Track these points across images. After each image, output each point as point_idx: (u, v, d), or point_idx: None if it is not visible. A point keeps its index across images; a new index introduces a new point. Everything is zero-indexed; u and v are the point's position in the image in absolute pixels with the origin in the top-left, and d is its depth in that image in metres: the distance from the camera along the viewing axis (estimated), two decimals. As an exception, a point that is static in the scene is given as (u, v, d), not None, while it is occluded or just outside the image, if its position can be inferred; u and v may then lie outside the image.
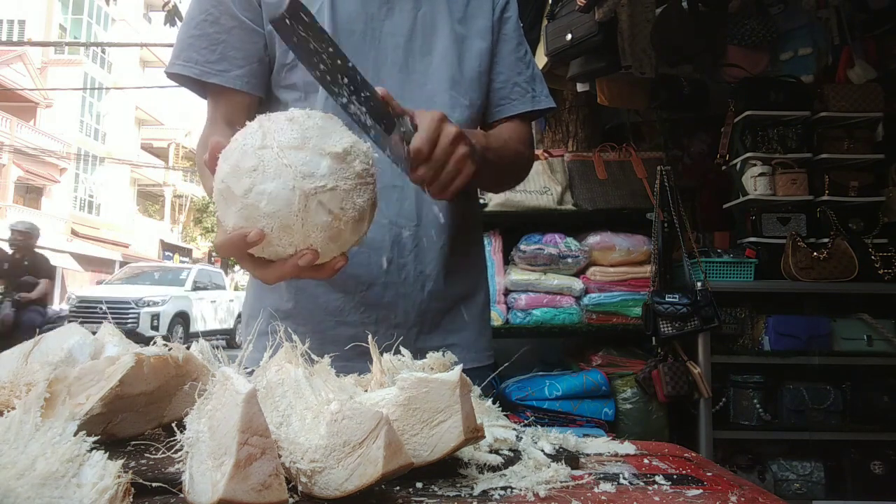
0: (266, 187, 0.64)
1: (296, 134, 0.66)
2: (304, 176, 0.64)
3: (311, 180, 0.65)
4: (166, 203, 32.11)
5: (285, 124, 0.67)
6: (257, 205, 0.64)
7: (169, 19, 5.83)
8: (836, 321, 2.79)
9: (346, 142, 0.68)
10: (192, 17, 1.00)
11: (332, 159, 0.66)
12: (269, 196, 0.64)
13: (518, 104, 1.15)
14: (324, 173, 0.65)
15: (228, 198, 0.67)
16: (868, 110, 2.82)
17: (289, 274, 0.71)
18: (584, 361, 2.87)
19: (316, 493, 0.48)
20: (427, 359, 0.69)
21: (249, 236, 0.66)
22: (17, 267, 6.49)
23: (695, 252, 2.75)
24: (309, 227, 0.66)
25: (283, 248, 0.68)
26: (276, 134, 0.66)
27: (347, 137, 0.68)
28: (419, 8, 1.06)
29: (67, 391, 0.55)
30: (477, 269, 1.16)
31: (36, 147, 21.91)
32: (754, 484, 0.63)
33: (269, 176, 0.64)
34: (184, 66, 0.99)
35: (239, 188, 0.65)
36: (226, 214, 0.68)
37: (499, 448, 0.63)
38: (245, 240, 0.66)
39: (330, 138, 0.67)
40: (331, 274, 0.73)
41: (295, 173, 0.64)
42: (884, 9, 2.89)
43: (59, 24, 24.60)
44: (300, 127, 0.66)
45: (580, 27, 2.76)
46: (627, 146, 3.18)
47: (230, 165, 0.66)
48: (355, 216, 0.68)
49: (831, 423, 2.70)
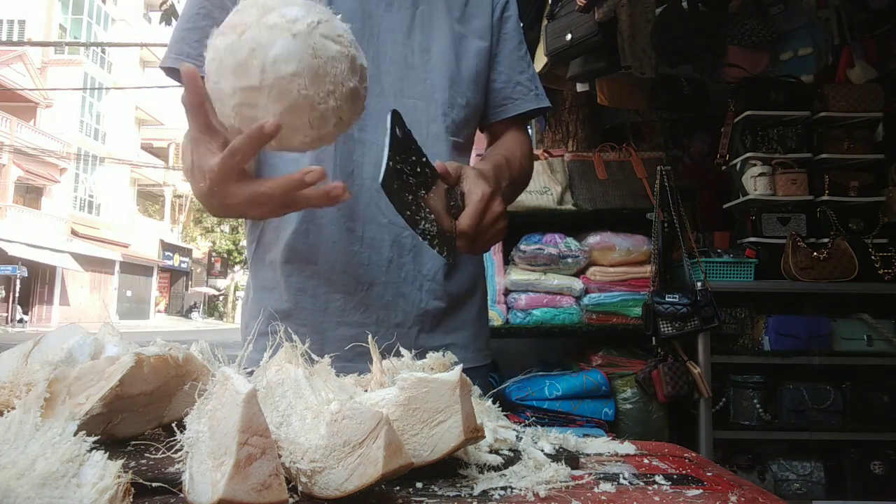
0: (273, 52, 0.64)
1: (254, 9, 0.66)
2: (292, 22, 0.64)
3: (300, 21, 0.65)
4: (166, 203, 32.12)
5: (240, 14, 0.67)
6: (280, 72, 0.64)
7: (165, 18, 5.82)
8: (836, 321, 2.79)
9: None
10: (186, 12, 1.01)
11: (296, 5, 0.67)
12: (283, 57, 0.64)
13: (521, 103, 1.15)
14: (303, 13, 0.66)
15: (251, 96, 0.66)
16: (868, 110, 2.82)
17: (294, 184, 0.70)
18: (584, 361, 2.87)
19: (316, 493, 0.48)
20: (427, 359, 0.69)
21: (267, 126, 0.64)
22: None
23: (695, 252, 2.75)
24: (331, 63, 0.66)
25: (326, 107, 0.67)
26: (241, 19, 0.66)
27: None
28: (417, 5, 1.06)
29: (67, 391, 0.55)
30: (475, 268, 1.16)
31: (36, 147, 21.92)
32: (754, 484, 0.63)
33: (268, 43, 0.64)
34: (176, 59, 0.98)
35: (255, 77, 0.64)
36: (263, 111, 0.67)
37: (499, 448, 0.63)
38: (262, 130, 0.64)
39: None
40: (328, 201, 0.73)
41: (285, 25, 0.64)
42: (884, 9, 2.89)
43: (59, 24, 24.60)
44: (252, 3, 0.67)
45: (580, 27, 2.76)
46: (627, 146, 3.18)
47: (231, 71, 0.66)
48: (353, 39, 0.69)
49: (831, 423, 2.70)
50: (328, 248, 1.00)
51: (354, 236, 1.00)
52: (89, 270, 24.80)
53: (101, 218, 26.49)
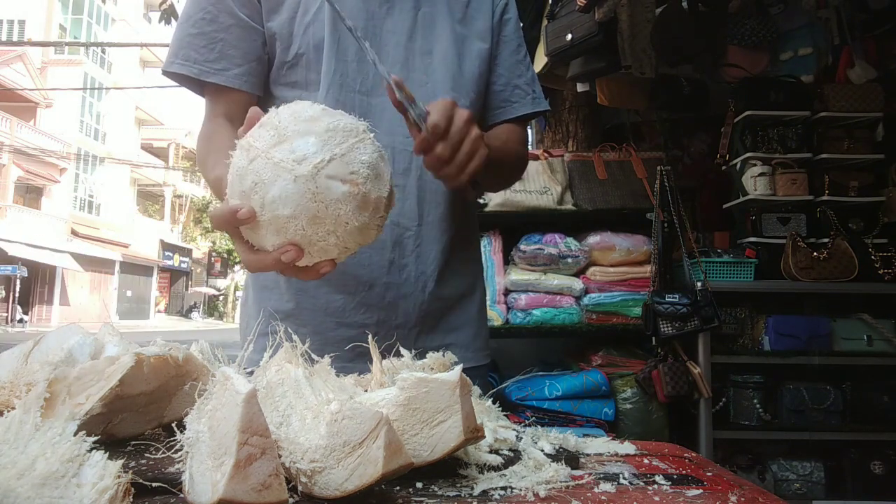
0: (273, 193, 0.63)
1: (271, 132, 0.65)
2: (298, 162, 0.63)
3: (306, 162, 0.63)
4: (166, 203, 32.12)
5: (259, 131, 0.66)
6: (278, 214, 0.64)
7: (165, 17, 5.81)
8: (836, 321, 2.79)
9: (317, 110, 0.67)
10: (189, 15, 1.00)
11: (314, 134, 0.64)
12: (280, 199, 0.63)
13: (518, 107, 1.15)
14: (314, 150, 0.64)
15: (253, 226, 0.67)
16: (868, 110, 2.82)
17: (270, 266, 0.69)
18: (584, 361, 2.87)
19: (316, 493, 0.48)
20: (427, 359, 0.69)
21: (240, 213, 0.65)
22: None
23: (695, 252, 2.75)
24: (333, 206, 0.64)
25: (327, 243, 0.67)
26: (256, 143, 0.65)
27: (315, 107, 0.67)
28: (419, 7, 1.06)
29: (67, 391, 0.55)
30: (475, 268, 1.16)
31: (36, 147, 21.91)
32: (754, 484, 0.63)
33: (269, 181, 0.63)
34: (182, 64, 0.98)
35: (256, 209, 0.65)
36: (263, 240, 0.68)
37: (499, 448, 0.63)
38: (235, 216, 0.65)
39: (301, 117, 0.65)
40: (316, 276, 0.71)
41: (289, 165, 0.63)
42: (884, 9, 2.89)
43: (59, 24, 24.59)
44: (272, 124, 0.66)
45: (580, 27, 2.76)
46: (627, 146, 3.18)
47: (238, 195, 0.66)
48: (370, 174, 0.66)
49: (831, 423, 2.70)
50: None
51: None
52: (89, 270, 24.80)
53: (101, 218, 26.49)
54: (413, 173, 1.02)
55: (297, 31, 1.00)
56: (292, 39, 1.00)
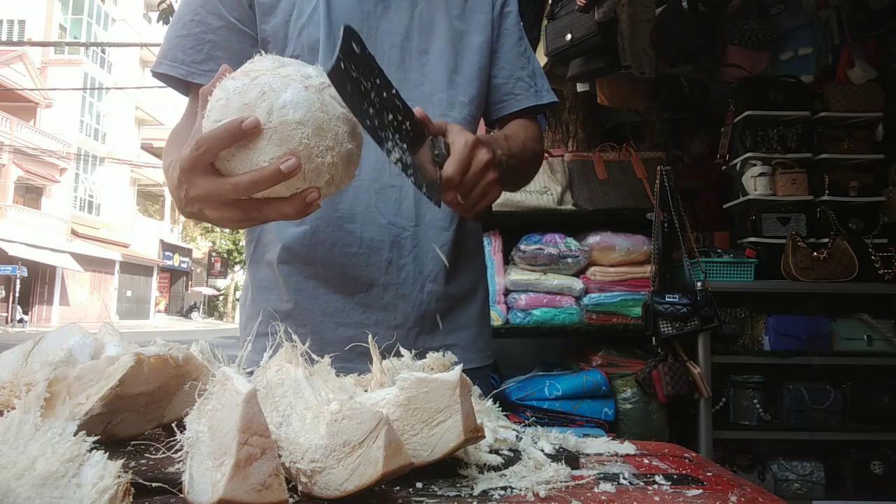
0: (284, 98, 0.64)
1: (270, 61, 0.68)
2: (306, 77, 0.66)
3: (314, 79, 0.67)
4: (166, 203, 32.10)
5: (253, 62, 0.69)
6: (287, 117, 0.64)
7: (163, 17, 5.83)
8: (836, 321, 2.79)
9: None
10: (179, 17, 1.00)
11: (311, 67, 0.69)
12: (292, 104, 0.64)
13: (522, 99, 1.15)
14: (318, 73, 0.68)
15: (248, 144, 0.66)
16: (868, 110, 2.82)
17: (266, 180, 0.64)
18: (584, 361, 2.87)
19: (316, 493, 0.48)
20: (427, 359, 0.69)
21: (245, 122, 0.62)
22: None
23: (695, 252, 2.75)
24: (334, 122, 0.67)
25: (323, 161, 0.67)
26: (255, 67, 0.67)
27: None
28: (416, 6, 1.05)
29: (67, 391, 0.55)
30: (476, 268, 1.16)
31: (36, 147, 21.92)
32: (754, 484, 0.63)
33: (280, 89, 0.65)
34: (170, 65, 0.98)
35: (260, 119, 0.64)
36: (257, 156, 0.65)
37: (499, 448, 0.63)
38: (239, 127, 0.62)
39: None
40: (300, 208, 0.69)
41: (299, 78, 0.66)
42: (884, 9, 2.89)
43: (59, 24, 24.60)
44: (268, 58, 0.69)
45: (580, 27, 2.76)
46: (627, 146, 3.18)
47: (237, 110, 0.65)
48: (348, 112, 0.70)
49: (831, 423, 2.70)
50: (327, 249, 1.00)
51: (353, 237, 1.00)
52: (89, 270, 24.80)
53: (101, 218, 26.50)
54: None
55: (292, 33, 1.00)
56: (287, 42, 1.00)
